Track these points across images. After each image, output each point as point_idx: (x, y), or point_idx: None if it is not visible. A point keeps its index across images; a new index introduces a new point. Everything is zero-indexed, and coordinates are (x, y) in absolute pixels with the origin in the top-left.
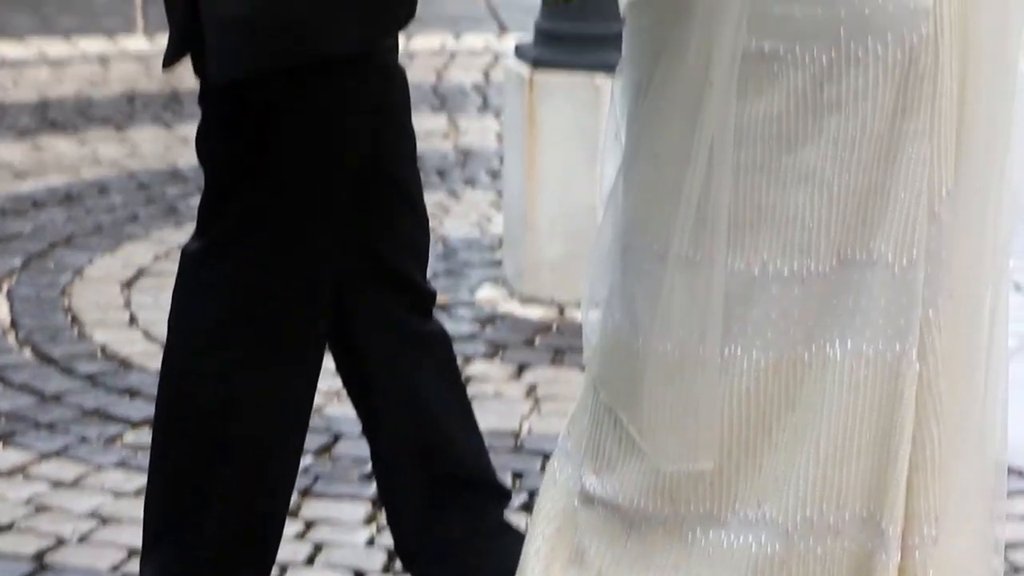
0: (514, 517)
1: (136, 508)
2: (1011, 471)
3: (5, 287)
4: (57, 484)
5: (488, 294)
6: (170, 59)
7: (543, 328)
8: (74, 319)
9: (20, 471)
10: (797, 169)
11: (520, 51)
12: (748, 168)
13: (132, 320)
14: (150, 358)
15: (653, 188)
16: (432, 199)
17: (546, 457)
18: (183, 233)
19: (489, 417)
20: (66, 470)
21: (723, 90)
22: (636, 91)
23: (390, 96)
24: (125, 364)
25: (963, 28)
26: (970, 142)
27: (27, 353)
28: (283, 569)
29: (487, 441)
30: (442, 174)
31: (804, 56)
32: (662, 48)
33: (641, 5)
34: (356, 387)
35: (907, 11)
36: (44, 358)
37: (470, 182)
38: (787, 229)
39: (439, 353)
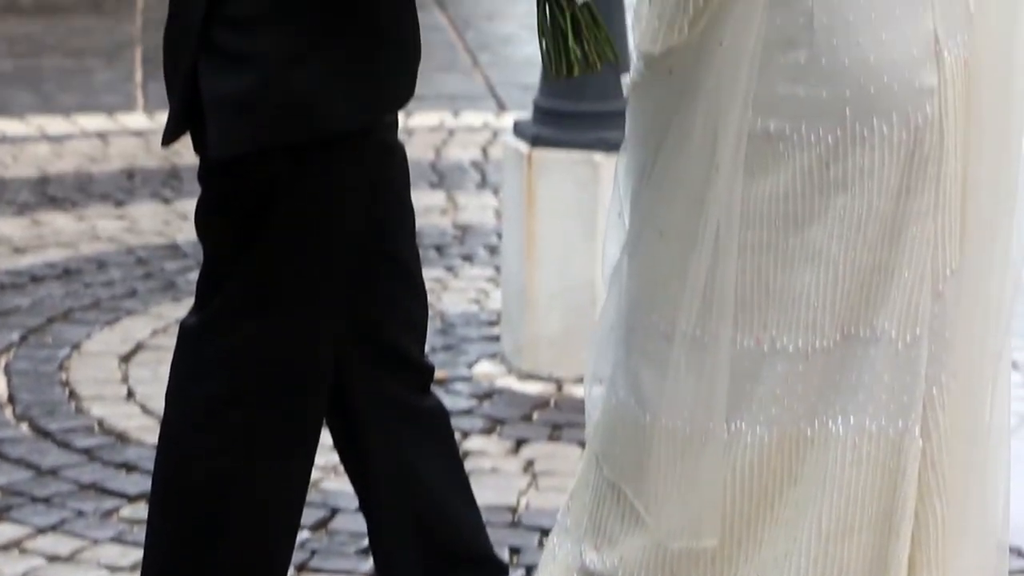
0: None
1: None
2: (1012, 551)
3: (3, 361)
4: (53, 559)
5: (486, 369)
6: (170, 136)
7: (541, 403)
8: (71, 393)
9: (16, 546)
10: (804, 248)
11: (519, 128)
12: (755, 248)
13: (129, 394)
14: (147, 432)
15: (658, 268)
16: (430, 275)
17: (544, 533)
18: (181, 308)
19: (487, 492)
20: (62, 545)
21: (729, 171)
22: (640, 171)
23: (389, 172)
24: (122, 438)
25: (967, 109)
26: (974, 222)
27: (24, 427)
28: None
29: (485, 516)
30: (440, 250)
31: (810, 135)
32: (667, 128)
33: (644, 86)
34: (353, 462)
35: (912, 91)
36: (41, 432)
37: (468, 258)
38: (793, 307)
39: (437, 428)
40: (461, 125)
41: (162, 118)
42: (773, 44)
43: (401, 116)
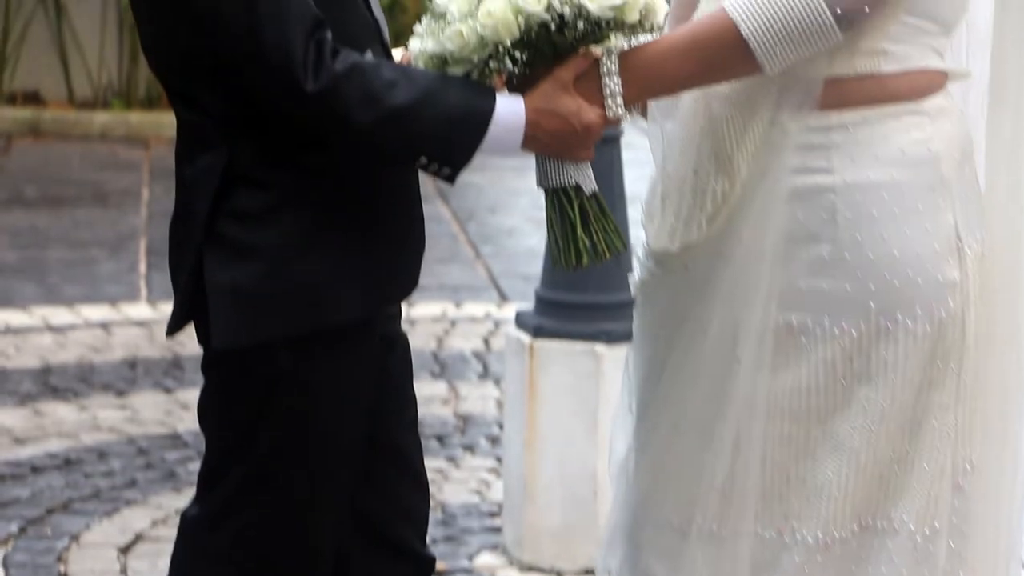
0: None
1: None
2: None
3: (1, 553)
4: None
5: (487, 561)
6: (174, 326)
7: None
8: None
9: None
10: (826, 440)
11: (521, 319)
12: (776, 440)
13: None
14: None
15: (671, 462)
16: (432, 465)
17: None
18: (182, 498)
19: None
20: None
21: (752, 365)
22: (652, 366)
23: (392, 364)
24: None
25: (984, 303)
26: (989, 415)
27: None
28: None
29: None
30: (442, 440)
31: (834, 329)
32: (682, 323)
33: (655, 283)
34: None
35: (936, 285)
36: None
37: (469, 448)
38: (814, 498)
39: None
40: (463, 315)
41: (165, 308)
42: (795, 239)
43: (403, 306)
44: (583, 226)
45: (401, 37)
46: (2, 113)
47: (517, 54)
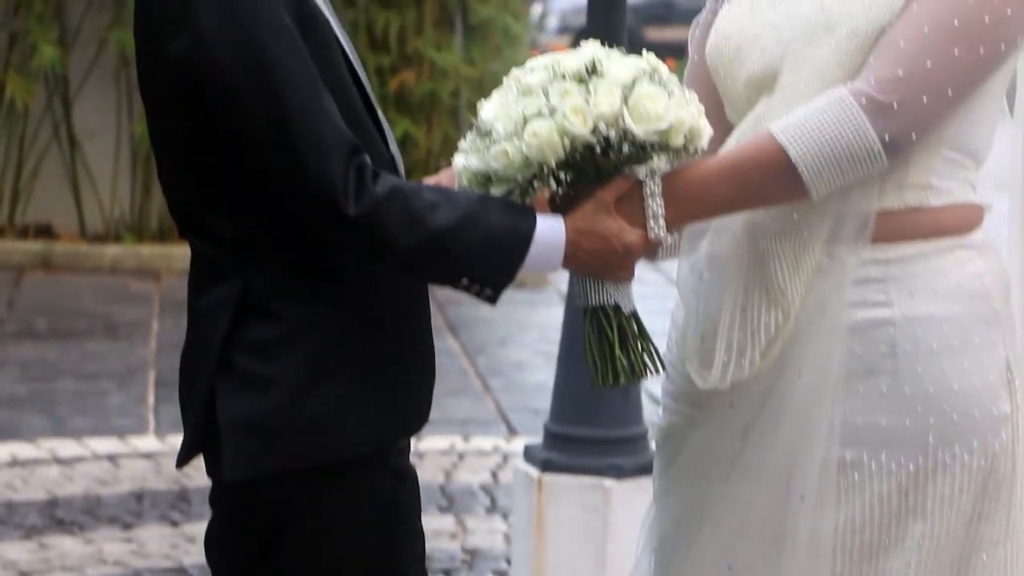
0: None
1: None
2: None
3: None
4: None
5: None
6: (184, 457)
7: None
8: None
9: None
10: None
11: (529, 453)
12: None
13: None
14: None
15: None
16: None
17: None
18: None
19: None
20: None
21: (814, 504)
22: (690, 509)
23: (401, 497)
24: None
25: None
26: None
27: None
28: None
29: None
30: (449, 574)
31: (891, 464)
32: (723, 463)
33: (687, 426)
34: None
35: (991, 418)
36: None
37: None
38: None
39: None
40: (471, 449)
41: (172, 440)
42: (853, 373)
43: (412, 439)
44: (621, 346)
45: (413, 172)
46: (14, 246)
47: (561, 174)
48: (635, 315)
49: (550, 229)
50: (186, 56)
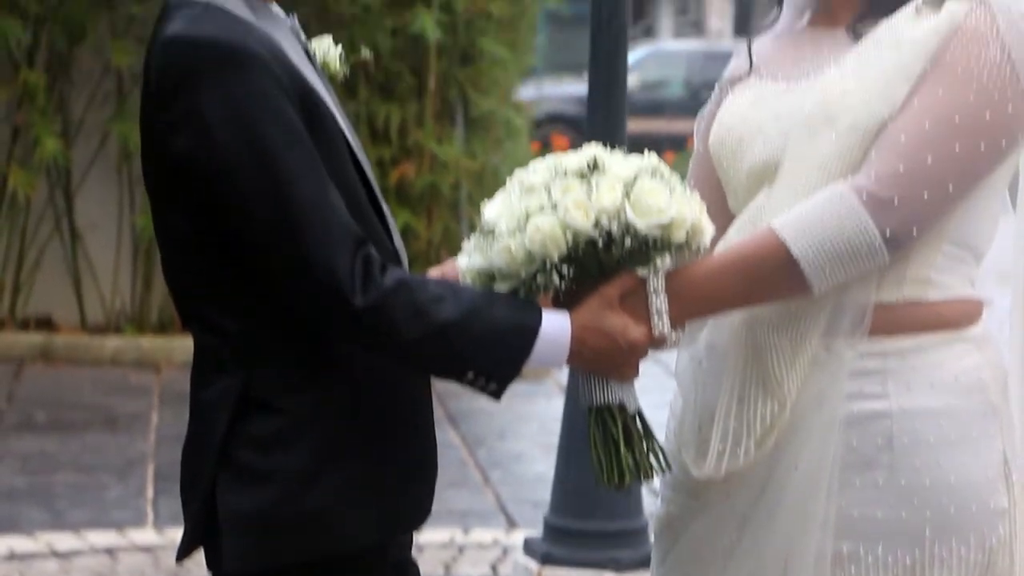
0: None
1: None
2: None
3: None
4: None
5: None
6: (184, 551)
7: None
8: None
9: None
10: None
11: (529, 546)
12: None
13: None
14: None
15: None
16: None
17: None
18: None
19: None
20: None
21: None
22: None
23: None
24: None
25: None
26: None
27: None
28: None
29: None
30: None
31: (887, 557)
32: (720, 554)
33: (685, 517)
34: None
35: (988, 512)
36: None
37: None
38: None
39: None
40: (471, 542)
41: (171, 534)
42: (849, 466)
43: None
44: (627, 445)
45: (414, 264)
46: (15, 338)
47: (564, 269)
48: (640, 414)
49: (556, 325)
50: (189, 152)
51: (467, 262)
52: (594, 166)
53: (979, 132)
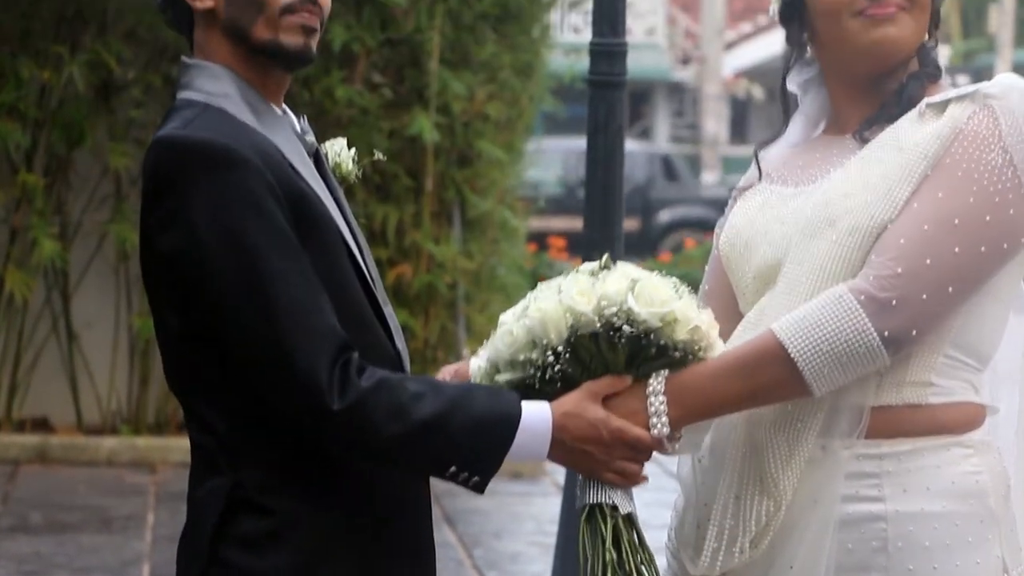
0: None
1: None
2: None
3: None
4: None
5: None
6: None
7: None
8: None
9: None
10: None
11: None
12: None
13: None
14: None
15: None
16: None
17: None
18: None
19: None
20: None
21: None
22: None
23: None
24: None
25: None
26: None
27: None
28: None
29: None
30: None
31: None
32: None
33: None
34: None
35: None
36: None
37: None
38: None
39: None
40: None
41: None
42: (845, 568)
43: None
44: (614, 545)
45: (411, 363)
46: (11, 440)
47: (561, 350)
48: (633, 519)
49: (537, 414)
50: (175, 250)
51: (477, 362)
52: (604, 267)
53: (980, 235)
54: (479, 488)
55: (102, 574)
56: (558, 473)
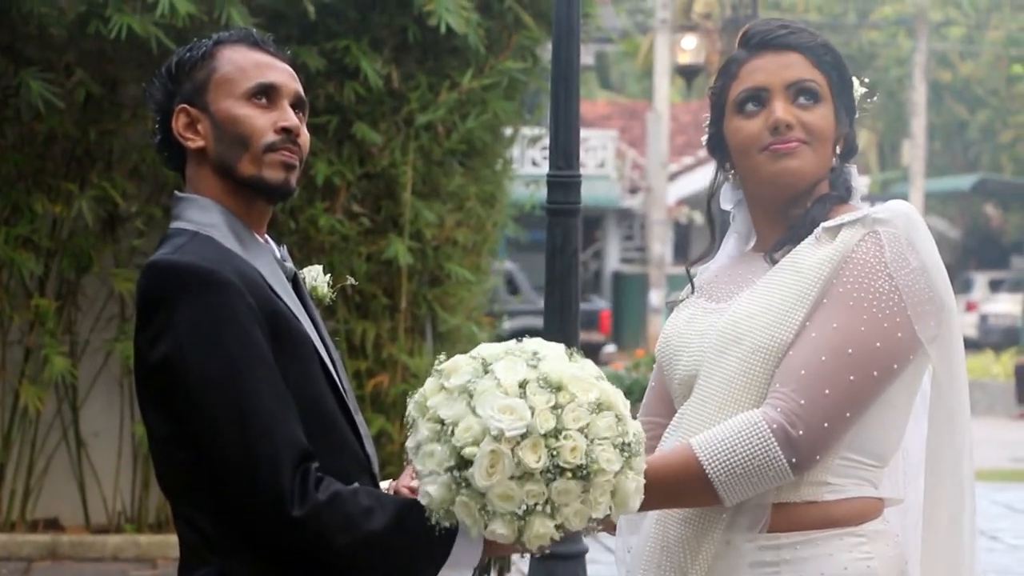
0: None
1: None
2: None
3: None
4: None
5: None
6: None
7: None
8: None
9: None
10: None
11: None
12: None
13: None
14: None
15: None
16: None
17: None
18: None
19: None
20: None
21: None
22: None
23: None
24: None
25: None
26: None
27: None
28: None
29: None
30: None
31: None
32: None
33: None
34: None
35: None
36: None
37: None
38: None
39: None
40: None
41: None
42: None
43: None
44: None
45: (387, 464)
46: (24, 539)
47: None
48: None
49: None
50: (163, 361)
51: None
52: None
53: (871, 361)
54: None
55: None
56: (524, 563)
